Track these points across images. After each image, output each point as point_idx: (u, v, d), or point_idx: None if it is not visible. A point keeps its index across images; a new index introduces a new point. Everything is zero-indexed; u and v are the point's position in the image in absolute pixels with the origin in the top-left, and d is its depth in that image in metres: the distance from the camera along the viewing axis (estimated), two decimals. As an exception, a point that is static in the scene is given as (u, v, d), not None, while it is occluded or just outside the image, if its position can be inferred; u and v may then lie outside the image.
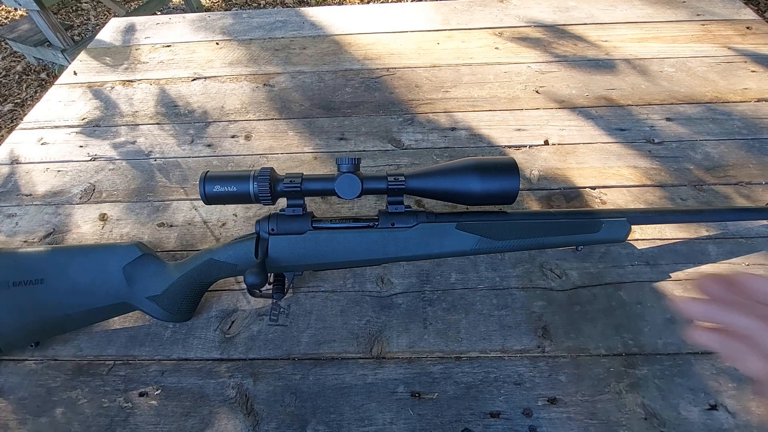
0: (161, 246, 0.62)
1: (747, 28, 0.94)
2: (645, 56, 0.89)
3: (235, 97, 0.86)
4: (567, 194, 0.65)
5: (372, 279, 0.57)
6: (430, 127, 0.77)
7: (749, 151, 0.69)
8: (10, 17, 3.04)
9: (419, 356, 0.50)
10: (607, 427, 0.44)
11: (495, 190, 0.47)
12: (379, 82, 0.88)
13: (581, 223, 0.51)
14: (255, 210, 0.66)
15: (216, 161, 0.74)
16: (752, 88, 0.80)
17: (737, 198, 0.63)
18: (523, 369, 0.48)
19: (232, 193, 0.47)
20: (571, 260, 0.57)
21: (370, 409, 0.46)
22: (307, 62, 0.94)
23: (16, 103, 2.43)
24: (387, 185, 0.47)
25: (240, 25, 1.07)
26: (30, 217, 0.67)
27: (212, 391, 0.48)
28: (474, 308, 0.54)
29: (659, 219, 0.55)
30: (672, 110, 0.77)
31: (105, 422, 0.46)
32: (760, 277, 0.28)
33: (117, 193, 0.70)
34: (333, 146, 0.75)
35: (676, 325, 0.51)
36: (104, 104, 0.87)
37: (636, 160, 0.69)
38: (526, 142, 0.74)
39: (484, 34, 0.99)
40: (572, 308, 0.53)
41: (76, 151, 0.78)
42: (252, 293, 0.53)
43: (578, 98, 0.81)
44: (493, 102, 0.81)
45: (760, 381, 0.27)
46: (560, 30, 0.98)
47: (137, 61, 0.98)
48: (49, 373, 0.50)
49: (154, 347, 0.52)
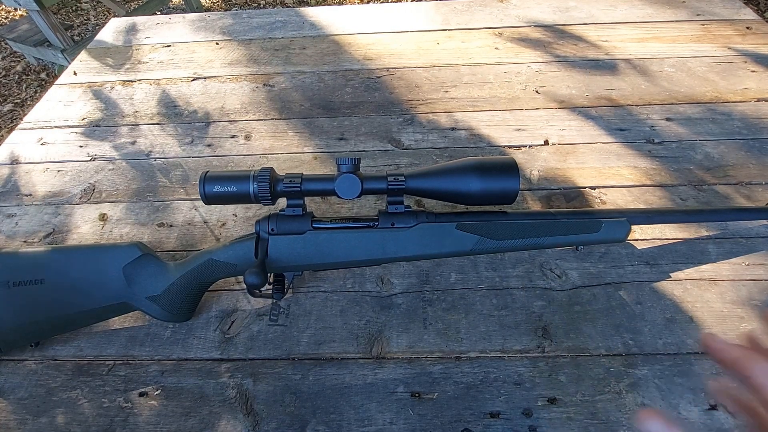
0: (161, 246, 0.62)
1: (747, 28, 0.94)
2: (645, 56, 0.89)
3: (235, 97, 0.86)
4: (567, 194, 0.65)
5: (372, 279, 0.57)
6: (430, 127, 0.77)
7: (749, 151, 0.69)
8: (10, 17, 3.04)
9: (419, 356, 0.50)
10: (607, 427, 0.44)
11: (495, 190, 0.47)
12: (379, 82, 0.88)
13: (581, 223, 0.51)
14: (255, 210, 0.66)
15: (216, 161, 0.74)
16: (752, 88, 0.80)
17: (737, 198, 0.63)
18: (523, 369, 0.48)
19: (232, 193, 0.47)
20: (571, 260, 0.57)
21: (370, 409, 0.46)
22: (307, 62, 0.94)
23: (16, 103, 2.43)
24: (387, 185, 0.47)
25: (240, 25, 1.07)
26: (30, 217, 0.67)
27: (212, 391, 0.48)
28: (474, 308, 0.54)
29: (659, 219, 0.55)
30: (672, 110, 0.77)
31: (105, 422, 0.46)
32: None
33: (117, 193, 0.70)
34: (333, 146, 0.75)
35: (676, 325, 0.51)
36: (104, 104, 0.87)
37: (636, 160, 0.69)
38: (526, 142, 0.74)
39: (484, 34, 0.99)
40: (572, 308, 0.53)
41: (76, 151, 0.78)
42: (252, 293, 0.53)
43: (578, 98, 0.81)
44: (493, 102, 0.81)
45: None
46: (560, 30, 0.98)
47: (137, 61, 0.98)
48: (49, 373, 0.50)
49: (154, 347, 0.52)
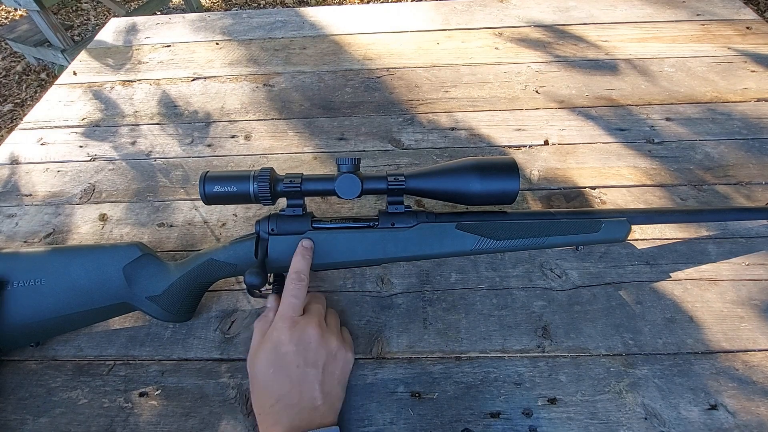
0: (161, 246, 0.62)
1: (747, 28, 0.94)
2: (645, 56, 0.89)
3: (235, 97, 0.86)
4: (567, 194, 0.65)
5: (372, 279, 0.57)
6: (430, 127, 0.77)
7: (749, 151, 0.69)
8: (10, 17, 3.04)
9: (419, 356, 0.50)
10: (607, 427, 0.44)
11: (495, 190, 0.47)
12: (379, 82, 0.88)
13: (581, 223, 0.51)
14: (255, 210, 0.66)
15: (216, 161, 0.74)
16: (752, 88, 0.80)
17: (737, 198, 0.63)
18: (523, 369, 0.48)
19: (232, 193, 0.47)
20: (571, 260, 0.57)
21: (370, 409, 0.46)
22: (307, 62, 0.94)
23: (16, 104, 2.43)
24: (387, 185, 0.47)
25: (240, 25, 1.07)
26: (30, 217, 0.67)
27: (212, 391, 0.48)
28: (474, 308, 0.54)
29: (659, 219, 0.55)
30: (672, 110, 0.77)
31: (105, 422, 0.46)
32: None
33: (117, 193, 0.70)
34: (333, 146, 0.75)
35: (676, 324, 0.51)
36: (104, 104, 0.87)
37: (636, 160, 0.69)
38: (526, 142, 0.74)
39: (484, 34, 0.99)
40: (572, 308, 0.53)
41: (76, 151, 0.78)
42: (252, 293, 0.53)
43: (578, 98, 0.81)
44: (493, 102, 0.81)
45: None
46: (560, 30, 0.98)
47: (137, 61, 0.98)
48: (49, 373, 0.50)
49: (154, 347, 0.52)
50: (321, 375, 0.42)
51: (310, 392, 0.41)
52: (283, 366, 0.42)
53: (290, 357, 0.42)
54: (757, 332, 0.50)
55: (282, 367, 0.42)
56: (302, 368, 0.42)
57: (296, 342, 0.42)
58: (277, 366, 0.42)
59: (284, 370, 0.42)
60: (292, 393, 0.41)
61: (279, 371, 0.42)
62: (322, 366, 0.43)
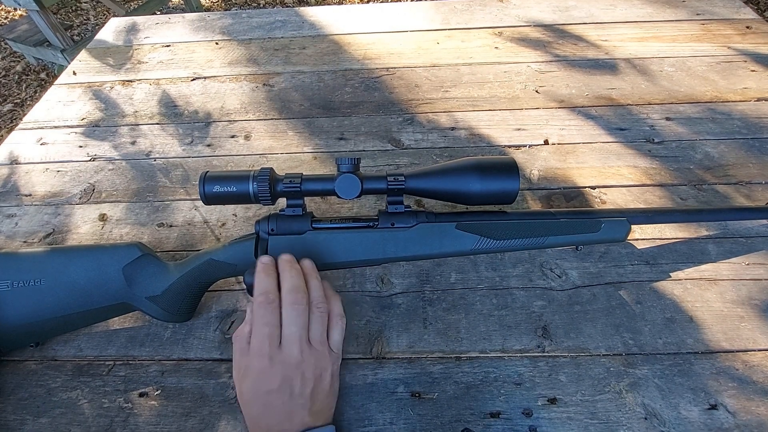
0: (161, 246, 0.62)
1: (747, 27, 0.94)
2: (645, 56, 0.89)
3: (234, 97, 0.86)
4: (567, 194, 0.65)
5: (372, 279, 0.57)
6: (430, 127, 0.77)
7: (749, 151, 0.69)
8: (10, 17, 3.04)
9: (419, 356, 0.50)
10: (607, 427, 0.44)
11: (495, 189, 0.47)
12: (378, 81, 0.88)
13: (581, 222, 0.51)
14: (255, 210, 0.66)
15: (216, 161, 0.74)
16: (752, 87, 0.80)
17: (737, 197, 0.63)
18: (523, 369, 0.48)
19: (232, 193, 0.47)
20: (571, 260, 0.57)
21: (370, 409, 0.46)
22: (307, 62, 0.94)
23: (16, 103, 2.43)
24: (387, 185, 0.47)
25: (239, 25, 1.07)
26: (30, 217, 0.67)
27: (212, 391, 0.48)
28: (474, 308, 0.54)
29: (659, 219, 0.55)
30: (672, 110, 0.77)
31: (105, 422, 0.46)
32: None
33: (117, 193, 0.70)
34: (333, 146, 0.75)
35: (676, 324, 0.51)
36: (104, 104, 0.87)
37: (636, 160, 0.69)
38: (526, 141, 0.74)
39: (484, 33, 0.99)
40: (572, 308, 0.53)
41: (75, 151, 0.78)
42: (252, 293, 0.53)
43: (578, 98, 0.81)
44: (493, 102, 0.81)
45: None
46: (560, 30, 0.98)
47: (137, 61, 0.98)
48: (49, 373, 0.50)
49: (154, 347, 0.52)
50: (309, 401, 0.41)
51: (300, 417, 0.40)
52: (267, 404, 0.41)
53: (274, 396, 0.40)
54: (757, 332, 0.50)
55: (266, 405, 0.41)
56: (287, 403, 0.40)
57: (280, 380, 0.40)
58: (261, 404, 0.41)
59: (270, 408, 0.40)
60: (282, 421, 0.40)
61: (265, 408, 0.41)
62: (309, 392, 0.41)
